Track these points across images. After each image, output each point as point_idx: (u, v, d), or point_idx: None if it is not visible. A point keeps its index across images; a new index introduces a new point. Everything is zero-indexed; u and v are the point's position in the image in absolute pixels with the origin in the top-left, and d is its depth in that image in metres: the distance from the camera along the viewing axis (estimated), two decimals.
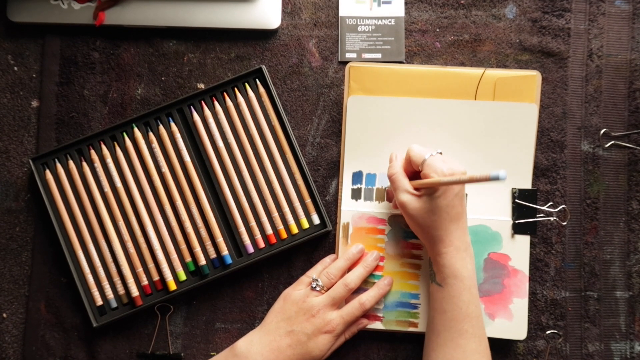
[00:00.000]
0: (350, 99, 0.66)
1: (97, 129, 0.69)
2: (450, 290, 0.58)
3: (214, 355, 0.66)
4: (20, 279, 0.68)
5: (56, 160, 0.67)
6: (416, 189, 0.59)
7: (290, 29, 0.69)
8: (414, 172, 0.61)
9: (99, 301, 0.66)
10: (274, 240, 0.66)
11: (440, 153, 0.59)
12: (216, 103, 0.67)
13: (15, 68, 0.70)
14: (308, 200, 0.66)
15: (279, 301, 0.64)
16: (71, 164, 0.67)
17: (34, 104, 0.69)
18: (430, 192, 0.57)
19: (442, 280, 0.59)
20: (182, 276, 0.66)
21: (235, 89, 0.67)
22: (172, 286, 0.66)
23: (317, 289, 0.63)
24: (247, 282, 0.67)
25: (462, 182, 0.54)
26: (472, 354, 0.57)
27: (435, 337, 0.59)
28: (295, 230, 0.66)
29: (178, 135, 0.67)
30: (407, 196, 0.59)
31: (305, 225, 0.66)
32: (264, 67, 0.67)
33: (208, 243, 0.66)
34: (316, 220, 0.66)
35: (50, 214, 0.66)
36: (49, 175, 0.67)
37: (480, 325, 0.59)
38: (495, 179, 0.47)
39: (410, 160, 0.60)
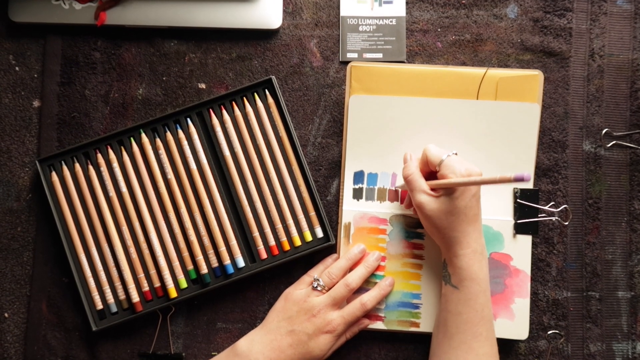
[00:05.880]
0: (351, 98, 0.66)
1: (99, 129, 0.69)
2: (467, 292, 0.57)
3: (215, 355, 0.66)
4: (22, 279, 0.68)
5: (62, 162, 0.67)
6: (433, 189, 0.58)
7: (292, 28, 0.69)
8: (429, 172, 0.60)
9: (99, 305, 0.66)
10: (276, 251, 0.66)
11: (456, 154, 0.58)
12: (224, 112, 0.67)
13: (17, 68, 0.70)
14: (312, 214, 0.66)
15: (280, 300, 0.64)
16: (77, 166, 0.67)
17: (36, 104, 0.69)
18: (448, 192, 0.57)
19: (459, 282, 0.58)
20: (183, 284, 0.66)
21: (244, 98, 0.67)
22: (173, 293, 0.66)
23: (319, 288, 0.63)
24: (248, 282, 0.67)
25: (481, 183, 0.54)
26: (485, 357, 0.57)
27: (447, 339, 0.58)
28: (298, 242, 0.66)
29: (185, 143, 0.66)
30: (425, 197, 0.58)
31: (309, 238, 0.66)
32: (273, 78, 0.66)
33: (210, 252, 0.66)
34: (319, 233, 0.66)
35: (55, 216, 0.66)
36: (54, 177, 0.66)
37: (493, 329, 0.59)
38: (520, 180, 0.44)
39: (426, 161, 0.59)
